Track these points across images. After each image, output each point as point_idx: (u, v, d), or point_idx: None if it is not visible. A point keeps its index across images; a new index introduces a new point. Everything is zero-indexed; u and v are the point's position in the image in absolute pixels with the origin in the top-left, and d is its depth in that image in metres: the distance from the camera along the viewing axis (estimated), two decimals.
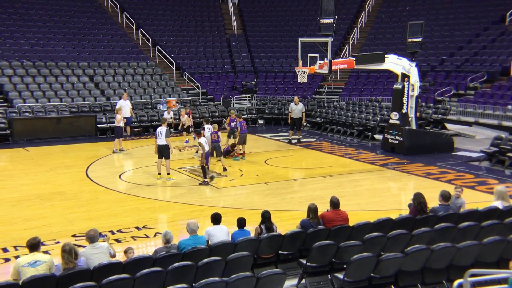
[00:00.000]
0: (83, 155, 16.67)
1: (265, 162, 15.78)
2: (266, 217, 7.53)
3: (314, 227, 7.37)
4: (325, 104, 23.76)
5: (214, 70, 28.51)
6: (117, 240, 9.00)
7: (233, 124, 16.64)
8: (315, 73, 16.71)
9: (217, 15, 32.92)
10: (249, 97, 26.06)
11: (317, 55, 15.13)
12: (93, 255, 6.31)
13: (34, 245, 6.11)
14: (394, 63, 16.47)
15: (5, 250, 8.47)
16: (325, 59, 14.87)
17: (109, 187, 12.83)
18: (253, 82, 27.14)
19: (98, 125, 20.56)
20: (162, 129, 13.21)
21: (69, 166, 15.05)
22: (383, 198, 11.90)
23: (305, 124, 20.92)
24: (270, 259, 7.13)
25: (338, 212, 7.69)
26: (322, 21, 15.14)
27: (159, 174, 13.39)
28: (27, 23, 26.24)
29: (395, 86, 17.00)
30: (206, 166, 12.82)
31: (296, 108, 18.53)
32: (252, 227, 7.70)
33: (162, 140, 13.15)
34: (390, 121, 17.22)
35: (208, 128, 14.92)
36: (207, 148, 12.87)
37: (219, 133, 14.72)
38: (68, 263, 5.85)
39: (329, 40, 14.83)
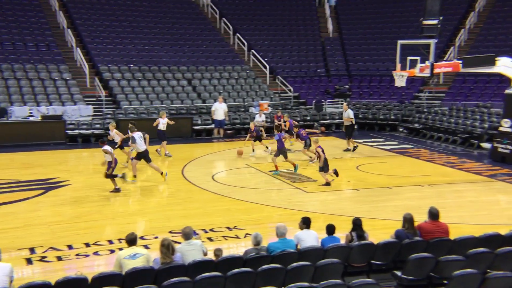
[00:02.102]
0: (179, 155, 17.48)
1: (357, 168, 15.42)
2: (357, 224, 7.35)
3: (410, 238, 7.05)
4: (425, 110, 22.67)
5: (307, 73, 28.50)
6: (209, 239, 9.31)
7: (302, 133, 16.32)
8: (415, 77, 16.09)
9: (313, 19, 32.88)
10: (342, 101, 25.66)
11: (418, 58, 14.55)
12: (188, 252, 6.58)
13: (132, 240, 6.53)
14: (507, 66, 15.33)
15: (110, 242, 9.13)
16: (427, 62, 14.24)
17: (203, 187, 13.31)
18: (347, 86, 26.69)
19: (194, 127, 21.46)
20: (140, 134, 13.63)
21: (167, 166, 15.86)
22: (490, 212, 11.08)
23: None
24: (362, 268, 6.94)
25: (437, 223, 7.28)
26: (425, 22, 14.56)
27: (135, 176, 13.46)
28: (135, 30, 28.14)
29: (507, 91, 15.91)
30: (112, 174, 12.27)
31: (346, 115, 18.17)
32: (341, 234, 7.56)
33: (143, 146, 13.52)
34: (501, 128, 16.14)
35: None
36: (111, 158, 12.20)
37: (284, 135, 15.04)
38: (166, 258, 6.17)
39: (432, 42, 14.24)
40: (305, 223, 7.38)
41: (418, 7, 16.67)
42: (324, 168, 12.91)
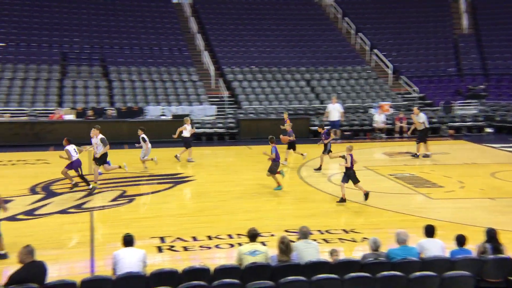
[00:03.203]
0: (296, 155, 17.62)
1: (491, 175, 14.17)
2: (492, 236, 6.78)
3: None
4: None
5: (435, 73, 26.93)
6: (325, 240, 9.27)
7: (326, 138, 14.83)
8: None
9: (445, 15, 30.98)
10: (476, 102, 23.78)
11: None
12: (305, 251, 6.62)
13: (254, 235, 6.74)
14: None
15: (230, 236, 9.56)
16: None
17: (319, 187, 13.28)
18: (482, 86, 24.63)
19: (311, 127, 21.50)
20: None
21: (284, 166, 16.09)
22: None
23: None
24: (498, 284, 6.36)
25: None
26: None
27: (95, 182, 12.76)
28: (258, 33, 29.08)
29: None
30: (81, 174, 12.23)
31: (418, 119, 16.67)
32: (472, 246, 7.00)
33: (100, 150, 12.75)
34: None
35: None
36: (75, 157, 12.07)
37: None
38: (283, 256, 6.28)
39: None
40: (429, 231, 6.99)
41: None
42: (345, 178, 11.53)
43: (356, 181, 11.47)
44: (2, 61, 23.29)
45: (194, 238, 9.38)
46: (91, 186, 12.45)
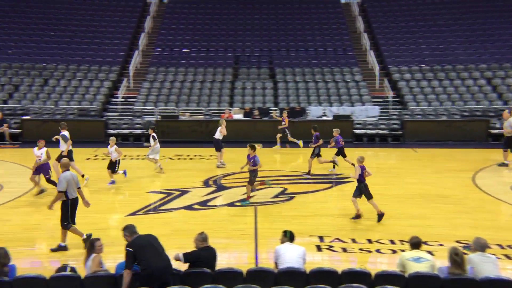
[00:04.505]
0: (471, 160, 16.10)
1: None
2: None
3: None
4: None
5: None
6: (507, 257, 8.22)
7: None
8: None
9: None
10: None
11: None
12: (482, 265, 5.96)
13: (416, 244, 6.32)
14: None
15: (392, 242, 9.11)
16: None
17: (498, 197, 11.88)
18: None
19: (490, 131, 19.39)
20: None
21: (455, 170, 14.83)
22: None
23: None
24: None
25: None
26: None
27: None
28: (431, 29, 27.32)
29: None
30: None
31: (508, 125, 14.33)
32: None
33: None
34: None
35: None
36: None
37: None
38: (457, 268, 5.73)
39: None
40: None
41: None
42: (356, 192, 10.26)
43: (369, 196, 10.21)
44: (186, 65, 25.94)
45: (353, 240, 9.18)
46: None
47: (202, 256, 6.36)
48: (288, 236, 6.87)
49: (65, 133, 13.12)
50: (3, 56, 24.95)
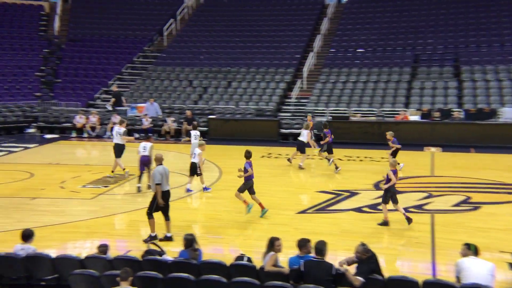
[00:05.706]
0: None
1: None
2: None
3: None
4: None
5: None
6: None
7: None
8: None
9: None
10: None
11: None
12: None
13: None
14: None
15: None
16: None
17: None
18: None
19: None
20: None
21: None
22: None
23: None
24: None
25: None
26: None
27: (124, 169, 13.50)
28: None
29: None
30: None
31: None
32: None
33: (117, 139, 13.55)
34: None
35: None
36: None
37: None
38: None
39: None
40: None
41: None
42: (386, 198, 9.81)
43: (395, 201, 9.83)
44: (359, 66, 25.34)
45: None
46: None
47: (373, 270, 6.01)
48: (473, 250, 6.06)
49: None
50: (196, 62, 27.61)
